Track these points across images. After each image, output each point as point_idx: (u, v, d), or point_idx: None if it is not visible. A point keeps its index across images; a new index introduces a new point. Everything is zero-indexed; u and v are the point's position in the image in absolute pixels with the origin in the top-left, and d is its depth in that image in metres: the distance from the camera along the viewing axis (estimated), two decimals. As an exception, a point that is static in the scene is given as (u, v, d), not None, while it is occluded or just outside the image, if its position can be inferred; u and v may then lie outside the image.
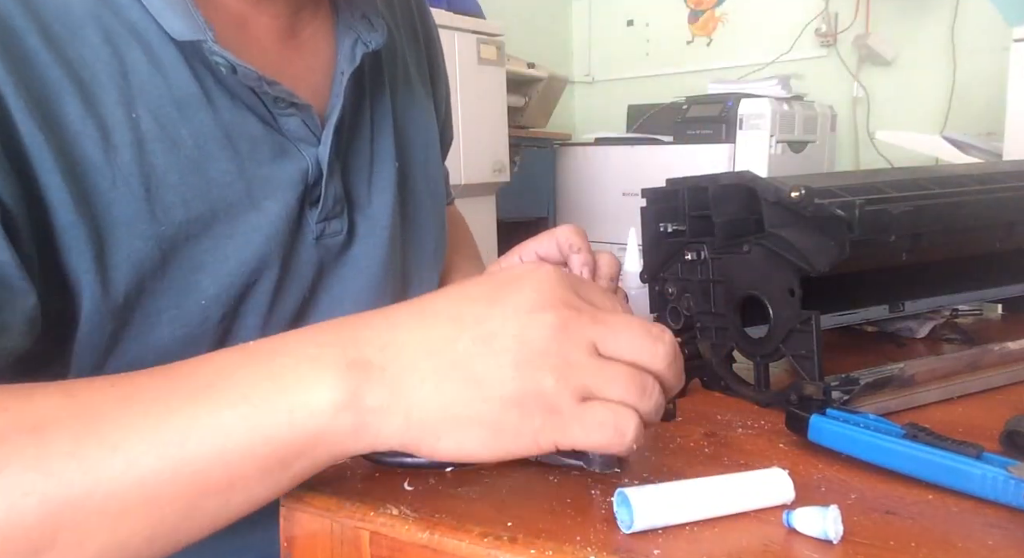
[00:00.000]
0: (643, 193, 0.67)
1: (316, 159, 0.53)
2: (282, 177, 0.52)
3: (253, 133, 0.51)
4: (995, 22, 2.47)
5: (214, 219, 0.49)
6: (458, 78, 2.08)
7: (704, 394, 0.63)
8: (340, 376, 0.36)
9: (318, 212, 0.54)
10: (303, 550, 0.45)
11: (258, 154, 0.51)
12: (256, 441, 0.35)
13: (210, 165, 0.49)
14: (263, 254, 0.50)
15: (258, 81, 0.49)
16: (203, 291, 0.48)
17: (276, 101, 0.51)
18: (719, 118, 2.46)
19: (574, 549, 0.38)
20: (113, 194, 0.45)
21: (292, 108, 0.52)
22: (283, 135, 0.53)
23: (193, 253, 0.48)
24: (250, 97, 0.51)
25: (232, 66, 0.48)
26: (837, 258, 0.53)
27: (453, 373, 0.36)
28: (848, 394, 0.54)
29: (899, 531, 0.40)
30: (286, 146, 0.53)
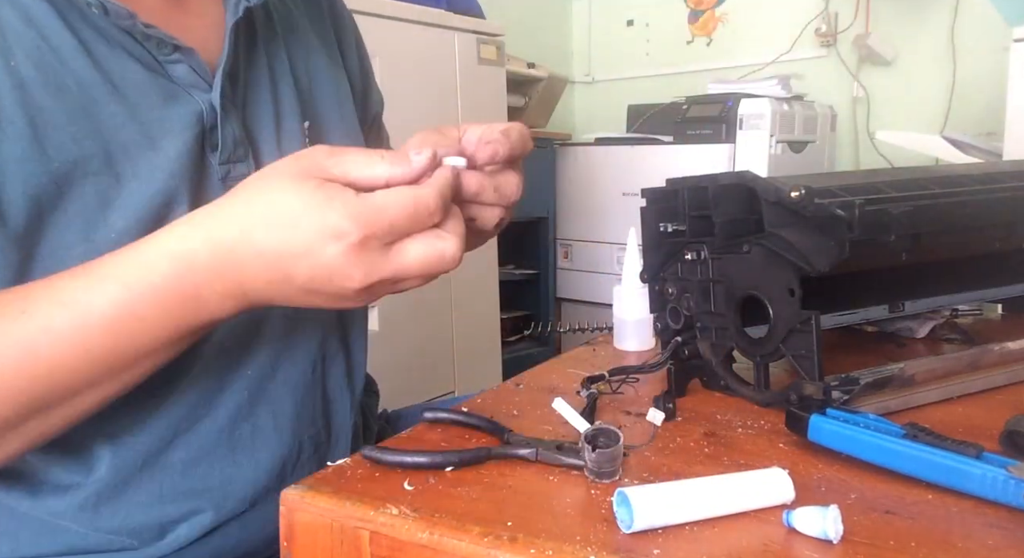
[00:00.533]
0: (643, 193, 0.67)
1: (209, 103, 0.56)
2: (175, 120, 0.55)
3: (137, 79, 0.54)
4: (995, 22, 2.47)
5: (111, 158, 0.52)
6: (458, 78, 2.08)
7: (704, 394, 0.63)
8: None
9: (219, 154, 0.57)
10: (303, 549, 0.45)
11: (147, 99, 0.54)
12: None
13: (98, 109, 0.52)
14: (168, 190, 0.53)
15: (130, 20, 0.52)
16: (111, 226, 0.52)
17: (159, 46, 0.54)
18: (719, 118, 2.46)
19: (574, 549, 0.38)
20: (1, 134, 0.48)
21: (177, 53, 0.55)
22: (171, 81, 0.55)
23: (97, 190, 0.51)
24: (132, 45, 0.54)
25: (103, 5, 0.50)
26: (837, 258, 0.53)
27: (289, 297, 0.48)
28: (848, 394, 0.54)
29: (899, 531, 0.40)
30: (176, 91, 0.55)
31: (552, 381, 0.68)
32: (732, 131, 2.45)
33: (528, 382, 0.68)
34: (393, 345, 1.84)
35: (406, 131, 1.04)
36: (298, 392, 0.65)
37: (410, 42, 1.92)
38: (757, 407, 0.59)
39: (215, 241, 0.46)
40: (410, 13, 1.89)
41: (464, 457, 0.49)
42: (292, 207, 0.44)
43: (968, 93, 2.63)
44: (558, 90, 2.84)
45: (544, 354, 2.57)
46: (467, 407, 0.61)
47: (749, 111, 2.42)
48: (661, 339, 0.70)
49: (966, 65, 2.63)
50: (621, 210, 2.68)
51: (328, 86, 0.69)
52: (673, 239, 0.66)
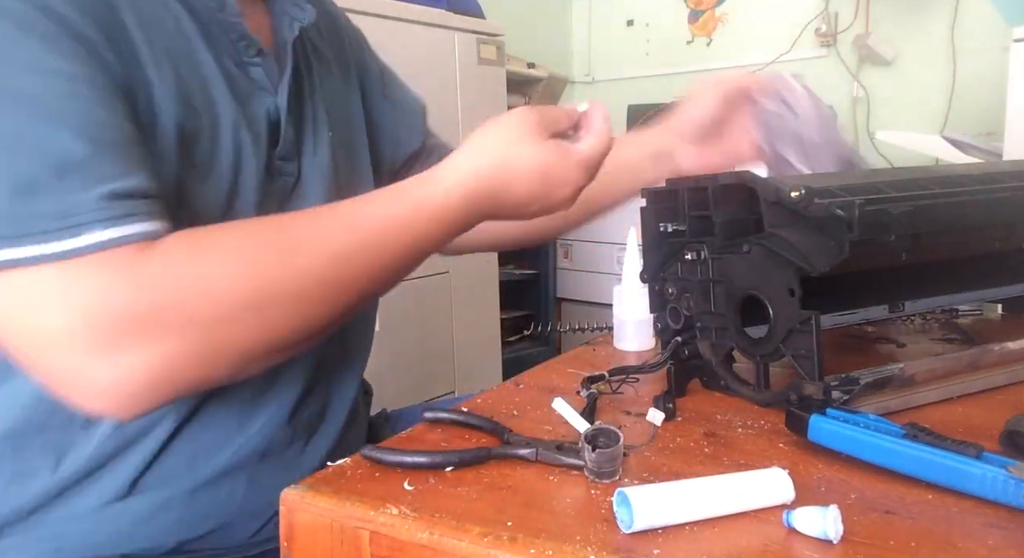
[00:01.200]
0: (643, 193, 0.67)
1: (275, 105, 0.64)
2: (255, 112, 0.63)
3: (232, 72, 0.62)
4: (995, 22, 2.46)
5: (216, 129, 0.60)
6: (458, 78, 2.08)
7: (704, 394, 0.63)
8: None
9: (279, 150, 0.65)
10: (303, 549, 0.45)
11: (236, 90, 0.62)
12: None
13: (212, 87, 0.60)
14: (246, 167, 0.61)
15: (239, 19, 0.61)
16: (216, 170, 0.60)
17: (247, 48, 0.62)
18: (719, 118, 2.46)
19: (574, 549, 0.38)
20: (158, 88, 0.56)
21: (258, 56, 0.63)
22: (250, 79, 0.63)
23: (207, 150, 0.59)
24: (226, 44, 0.62)
25: (221, 0, 0.60)
26: (837, 258, 0.53)
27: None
28: (848, 394, 0.54)
29: (899, 531, 0.40)
30: (253, 90, 0.63)
31: (552, 381, 0.68)
32: (732, 131, 2.44)
33: (528, 382, 0.68)
34: (393, 345, 1.83)
35: (406, 131, 1.01)
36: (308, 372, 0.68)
37: (410, 42, 1.91)
38: (757, 407, 0.59)
39: (485, 191, 0.58)
40: (410, 13, 1.89)
41: (464, 457, 0.49)
42: (541, 164, 0.58)
43: (968, 93, 2.62)
44: (558, 90, 2.84)
45: (544, 354, 2.57)
46: (467, 407, 0.61)
47: (749, 111, 2.41)
48: (661, 339, 0.70)
49: (966, 65, 2.63)
50: (621, 210, 2.68)
51: (343, 111, 0.77)
52: (673, 239, 0.66)
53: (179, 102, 0.57)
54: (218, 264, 0.50)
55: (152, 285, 0.48)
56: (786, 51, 2.96)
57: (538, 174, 0.59)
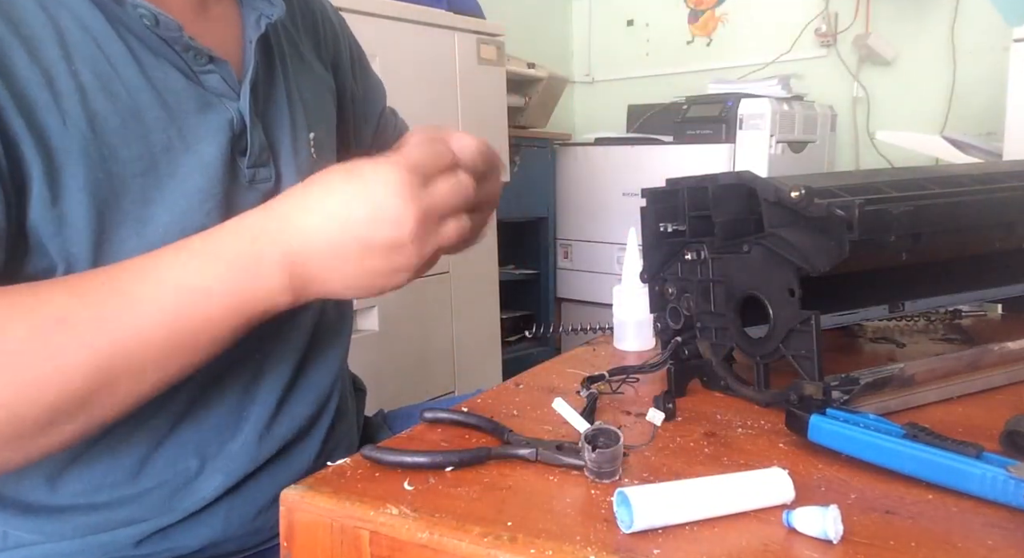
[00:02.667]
0: (643, 193, 0.67)
1: (238, 111, 0.61)
2: (210, 125, 0.59)
3: (176, 86, 0.58)
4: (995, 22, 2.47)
5: (155, 160, 0.56)
6: (458, 78, 2.08)
7: (704, 394, 0.63)
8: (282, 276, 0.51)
9: (247, 158, 0.62)
10: (303, 549, 0.45)
11: (184, 105, 0.58)
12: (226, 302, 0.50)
13: (144, 113, 0.56)
14: (205, 189, 0.58)
15: (178, 32, 0.56)
16: (157, 221, 0.56)
17: (196, 57, 0.58)
18: (719, 118, 2.46)
19: (574, 549, 0.38)
20: (64, 132, 0.52)
21: (211, 64, 0.59)
22: (205, 89, 0.59)
23: (143, 189, 0.56)
24: (171, 55, 0.58)
25: (155, 16, 0.55)
26: (837, 258, 0.53)
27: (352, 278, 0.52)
28: (848, 394, 0.54)
29: (899, 531, 0.40)
30: (209, 99, 0.59)
31: (552, 381, 0.68)
32: (732, 131, 2.45)
33: (528, 382, 0.68)
34: (393, 345, 1.84)
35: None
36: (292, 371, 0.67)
37: (410, 42, 1.91)
38: (757, 407, 0.59)
39: (274, 213, 0.52)
40: (410, 13, 1.89)
41: (464, 457, 0.49)
42: (343, 171, 0.51)
43: (968, 93, 2.63)
44: (558, 90, 2.84)
45: (544, 354, 2.57)
46: (467, 407, 0.61)
47: (749, 111, 2.42)
48: (661, 339, 0.70)
49: (966, 65, 2.63)
50: (621, 210, 2.68)
51: (323, 100, 0.74)
52: (673, 239, 0.66)
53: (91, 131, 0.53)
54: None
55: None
56: (786, 51, 2.96)
57: (338, 190, 0.50)
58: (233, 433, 0.63)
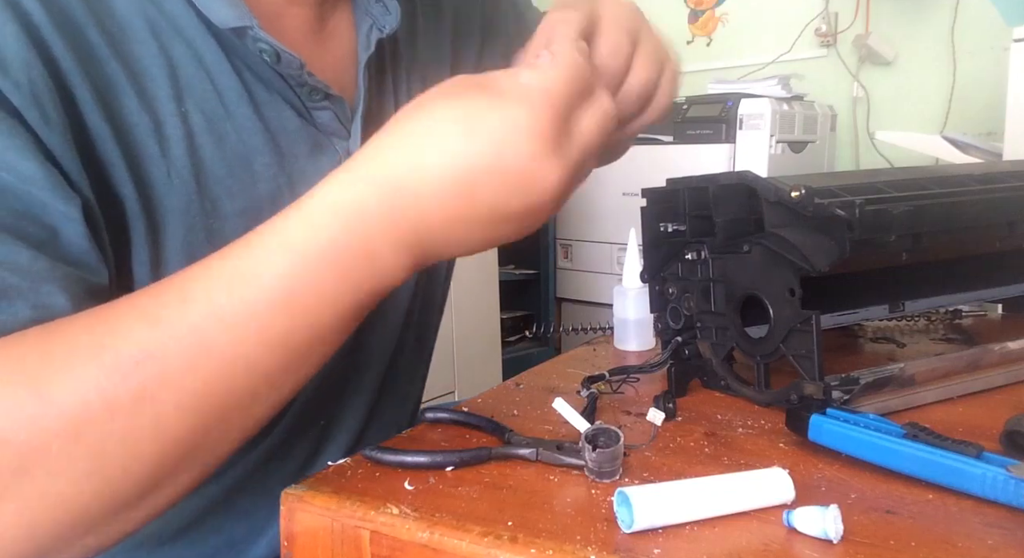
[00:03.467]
0: (643, 193, 0.67)
1: (348, 152, 0.53)
2: (319, 171, 0.50)
3: (290, 127, 0.51)
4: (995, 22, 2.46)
5: (259, 213, 0.47)
6: (458, 78, 2.08)
7: (704, 394, 0.63)
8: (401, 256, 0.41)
9: None
10: (304, 549, 0.45)
11: (296, 148, 0.51)
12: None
13: (254, 158, 0.49)
14: None
15: (300, 70, 0.49)
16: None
17: (312, 93, 0.51)
18: (719, 118, 2.46)
19: (574, 549, 0.38)
20: (168, 185, 0.46)
21: (326, 101, 0.52)
22: (317, 128, 0.53)
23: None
24: (286, 90, 0.51)
25: (276, 53, 0.47)
26: (837, 258, 0.53)
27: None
28: (848, 394, 0.54)
29: (899, 531, 0.40)
30: (320, 140, 0.53)
31: (552, 381, 0.68)
32: (732, 131, 2.45)
33: (528, 382, 0.68)
34: (393, 345, 1.84)
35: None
36: (357, 433, 0.64)
37: (410, 42, 1.91)
38: (757, 407, 0.59)
39: (381, 182, 0.39)
40: (410, 13, 1.89)
41: (464, 457, 0.49)
42: (460, 116, 0.38)
43: (968, 93, 2.63)
44: (558, 90, 2.84)
45: (544, 354, 2.57)
46: (467, 407, 0.61)
47: (749, 111, 2.42)
48: (661, 339, 0.70)
49: (966, 65, 2.63)
50: (621, 210, 2.68)
51: None
52: (673, 239, 0.66)
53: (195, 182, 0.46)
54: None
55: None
56: (786, 51, 2.96)
57: (458, 134, 0.38)
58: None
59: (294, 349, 0.39)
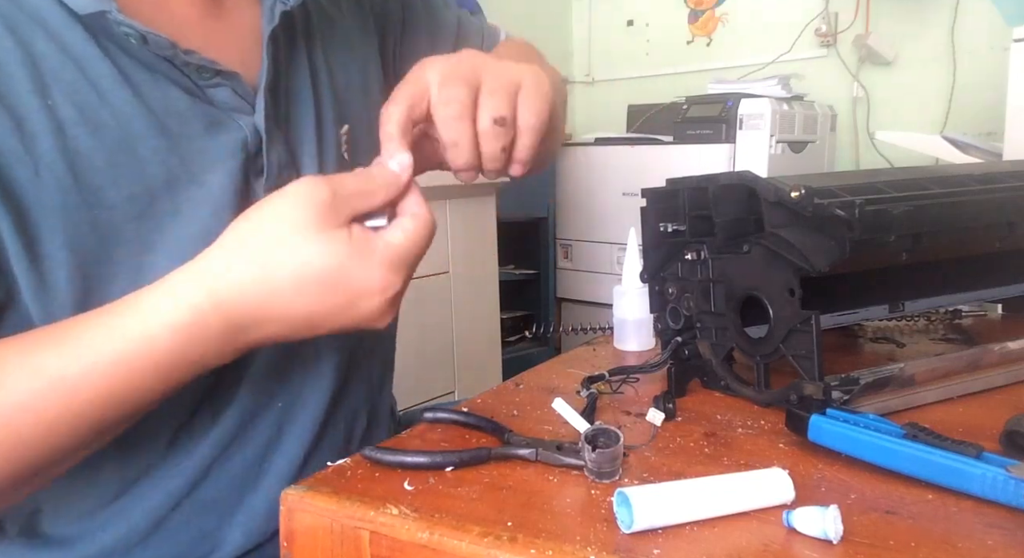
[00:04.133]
0: (643, 193, 0.67)
1: (253, 127, 0.52)
2: (219, 149, 0.51)
3: (179, 107, 0.50)
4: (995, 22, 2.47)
5: (153, 198, 0.48)
6: (458, 78, 2.08)
7: (704, 394, 0.63)
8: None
9: (264, 181, 0.53)
10: (303, 549, 0.45)
11: (189, 128, 0.50)
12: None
13: (138, 143, 0.48)
14: (212, 227, 0.49)
15: (172, 49, 0.48)
16: (158, 270, 0.47)
17: (200, 71, 0.50)
18: (719, 118, 2.46)
19: (574, 549, 0.38)
20: (36, 183, 0.45)
21: (218, 77, 0.51)
22: (214, 106, 0.52)
23: (140, 234, 0.48)
24: (171, 71, 0.50)
25: (142, 35, 0.47)
26: (837, 258, 0.53)
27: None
28: (848, 394, 0.54)
29: (899, 531, 0.40)
30: (218, 117, 0.51)
31: (552, 381, 0.68)
32: (732, 131, 2.45)
33: (528, 382, 0.68)
34: (393, 345, 1.84)
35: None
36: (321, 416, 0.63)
37: (410, 42, 1.91)
38: (757, 407, 0.59)
39: (230, 311, 0.44)
40: (410, 13, 1.89)
41: (464, 457, 0.49)
42: (327, 267, 0.44)
43: (968, 93, 2.63)
44: (558, 90, 2.84)
45: (544, 354, 2.57)
46: (467, 407, 0.61)
47: (749, 111, 2.42)
48: (661, 339, 0.70)
49: (966, 65, 2.63)
50: (621, 210, 2.68)
51: (363, 79, 0.65)
52: (673, 239, 0.66)
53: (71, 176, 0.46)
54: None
55: None
56: (786, 51, 2.96)
57: (321, 284, 0.44)
58: (255, 486, 0.59)
59: (103, 429, 0.45)
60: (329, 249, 0.44)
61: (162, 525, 0.56)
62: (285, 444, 0.60)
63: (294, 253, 0.44)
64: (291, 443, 0.60)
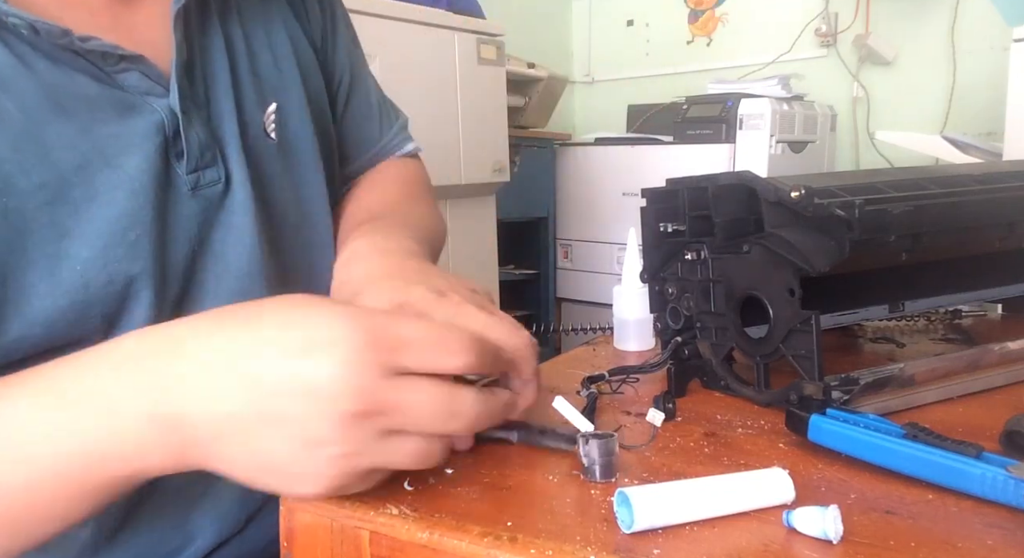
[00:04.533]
0: (643, 193, 0.67)
1: (169, 109, 0.52)
2: (133, 132, 0.50)
3: (87, 93, 0.49)
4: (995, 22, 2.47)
5: (65, 183, 0.47)
6: (458, 78, 2.08)
7: (704, 394, 0.63)
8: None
9: (185, 163, 0.53)
10: (303, 549, 0.45)
11: (99, 113, 0.49)
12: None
13: (44, 131, 0.47)
14: (131, 210, 0.49)
15: (65, 37, 0.47)
16: (75, 256, 0.47)
17: (104, 58, 0.50)
18: (719, 118, 2.46)
19: (574, 549, 0.38)
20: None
21: (124, 62, 0.50)
22: (124, 90, 0.51)
23: (54, 220, 0.47)
24: (74, 59, 0.49)
25: (31, 25, 0.46)
26: (837, 258, 0.53)
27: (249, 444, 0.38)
28: (848, 394, 0.54)
29: (899, 531, 0.40)
30: (131, 101, 0.51)
31: (552, 381, 0.68)
32: (732, 131, 2.45)
33: (528, 382, 0.68)
34: (393, 345, 1.83)
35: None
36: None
37: (410, 42, 1.91)
38: (757, 407, 0.59)
39: (170, 428, 0.38)
40: (410, 13, 1.89)
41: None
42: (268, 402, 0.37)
43: (968, 93, 2.63)
44: (558, 90, 2.84)
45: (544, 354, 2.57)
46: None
47: (749, 111, 2.42)
48: (661, 339, 0.70)
49: (966, 65, 2.64)
50: (621, 210, 2.68)
51: (292, 59, 0.64)
52: (673, 239, 0.66)
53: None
54: None
55: None
56: (786, 51, 2.96)
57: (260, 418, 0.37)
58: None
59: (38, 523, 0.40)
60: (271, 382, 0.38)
61: (131, 518, 0.55)
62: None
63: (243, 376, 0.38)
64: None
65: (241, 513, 0.60)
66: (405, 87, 1.87)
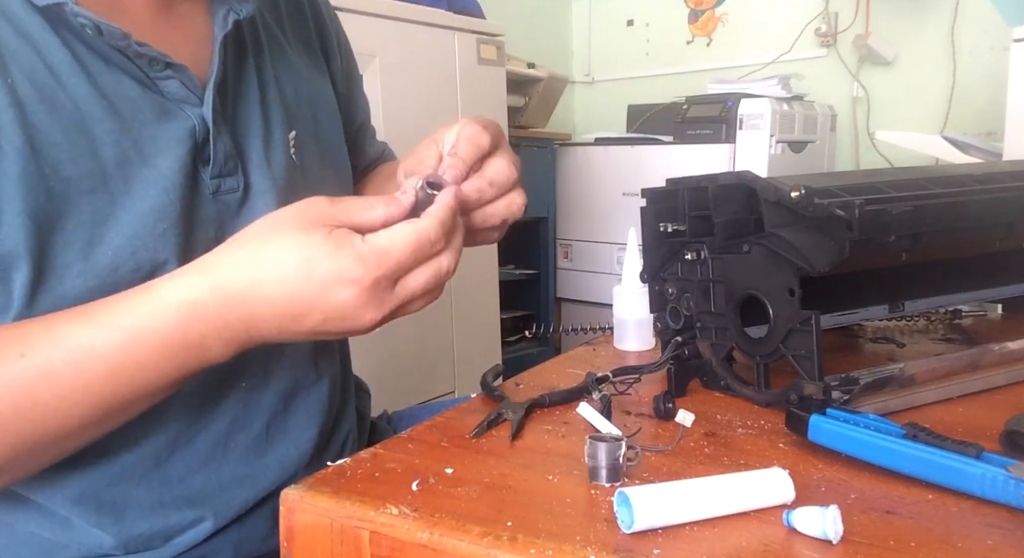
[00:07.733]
0: (643, 193, 0.67)
1: (201, 118, 0.57)
2: (169, 135, 0.55)
3: (131, 95, 0.54)
4: (995, 22, 2.47)
5: (107, 176, 0.52)
6: (458, 78, 2.08)
7: (704, 394, 0.63)
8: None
9: (210, 169, 0.58)
10: (303, 549, 0.45)
11: (140, 115, 0.54)
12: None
13: (94, 125, 0.52)
14: (162, 205, 0.54)
15: (125, 40, 0.52)
16: (108, 243, 0.52)
17: (151, 63, 0.54)
18: (719, 118, 2.46)
19: (574, 549, 0.38)
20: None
21: (168, 69, 0.55)
22: (164, 96, 0.56)
23: (93, 207, 0.52)
24: (124, 62, 0.54)
25: (97, 26, 0.51)
26: (837, 258, 0.53)
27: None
28: (848, 394, 0.54)
29: (899, 531, 0.40)
30: (168, 107, 0.56)
31: (552, 381, 0.68)
32: (732, 131, 2.45)
33: (528, 382, 0.68)
34: (393, 345, 1.84)
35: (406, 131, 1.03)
36: (292, 400, 0.65)
37: (410, 42, 1.91)
38: (757, 407, 0.59)
39: (223, 291, 0.48)
40: (410, 13, 1.89)
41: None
42: (303, 256, 0.47)
43: (968, 93, 2.63)
44: (558, 90, 2.84)
45: (544, 354, 2.57)
46: (466, 406, 0.61)
47: (749, 111, 2.42)
48: (661, 339, 0.70)
49: (966, 65, 2.63)
50: (621, 210, 2.68)
51: (312, 96, 0.70)
52: (673, 239, 0.66)
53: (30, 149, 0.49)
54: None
55: None
56: (786, 51, 2.96)
57: (296, 273, 0.47)
58: (220, 464, 0.61)
59: (113, 406, 0.48)
60: (305, 241, 0.47)
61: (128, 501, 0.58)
62: (248, 419, 0.62)
63: (278, 246, 0.48)
64: (255, 419, 0.62)
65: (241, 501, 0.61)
66: (405, 87, 1.87)
